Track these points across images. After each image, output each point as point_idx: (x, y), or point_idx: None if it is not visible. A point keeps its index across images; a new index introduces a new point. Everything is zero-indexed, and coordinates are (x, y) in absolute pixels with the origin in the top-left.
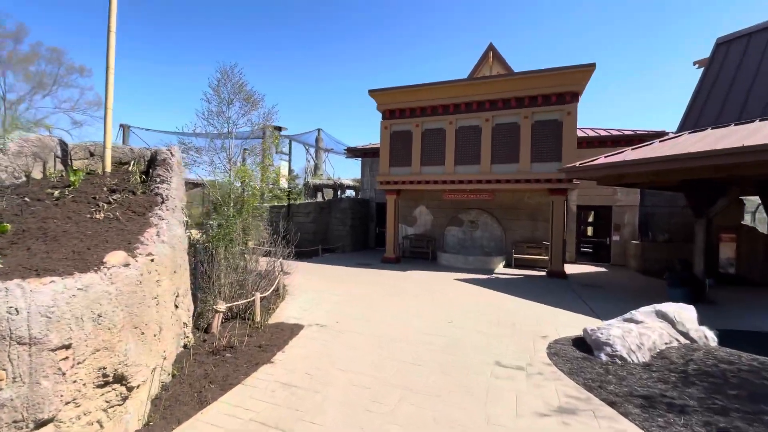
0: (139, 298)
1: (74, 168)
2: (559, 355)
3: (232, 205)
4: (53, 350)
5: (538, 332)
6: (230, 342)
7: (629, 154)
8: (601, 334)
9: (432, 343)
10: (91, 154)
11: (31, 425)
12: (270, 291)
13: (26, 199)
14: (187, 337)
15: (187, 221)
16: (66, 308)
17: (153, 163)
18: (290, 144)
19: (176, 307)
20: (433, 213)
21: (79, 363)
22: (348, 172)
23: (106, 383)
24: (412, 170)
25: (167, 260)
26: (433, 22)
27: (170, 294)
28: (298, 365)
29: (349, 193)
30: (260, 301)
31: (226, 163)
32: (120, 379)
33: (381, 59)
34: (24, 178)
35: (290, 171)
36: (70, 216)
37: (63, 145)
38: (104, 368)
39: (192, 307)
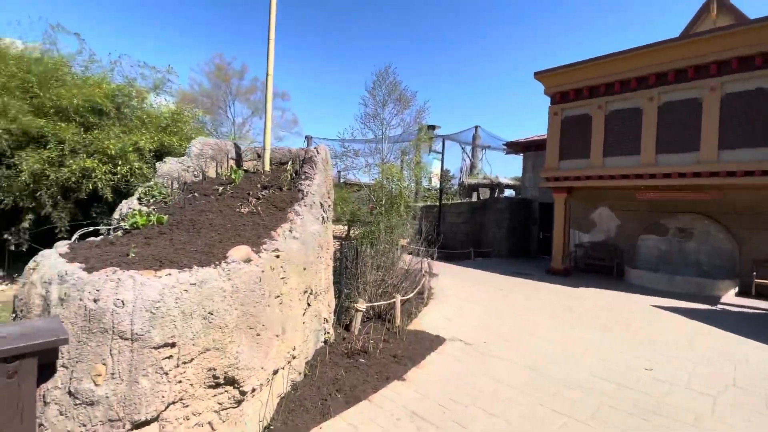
0: (257, 296)
1: (244, 168)
2: None
3: (382, 203)
4: (155, 348)
5: None
6: (365, 346)
7: None
8: None
9: (618, 398)
10: (258, 156)
11: (128, 425)
12: (413, 293)
13: (195, 194)
14: (328, 333)
15: (324, 216)
16: (173, 304)
17: (303, 161)
18: (443, 143)
19: (308, 305)
20: (620, 216)
21: (185, 362)
22: (507, 170)
23: (218, 384)
24: (591, 162)
25: (296, 257)
26: None
27: (299, 292)
28: (433, 390)
29: (509, 192)
30: (402, 304)
31: (379, 164)
32: (231, 381)
33: (544, 46)
34: (201, 177)
35: (443, 170)
36: (222, 210)
37: (237, 148)
38: (214, 369)
39: (333, 303)
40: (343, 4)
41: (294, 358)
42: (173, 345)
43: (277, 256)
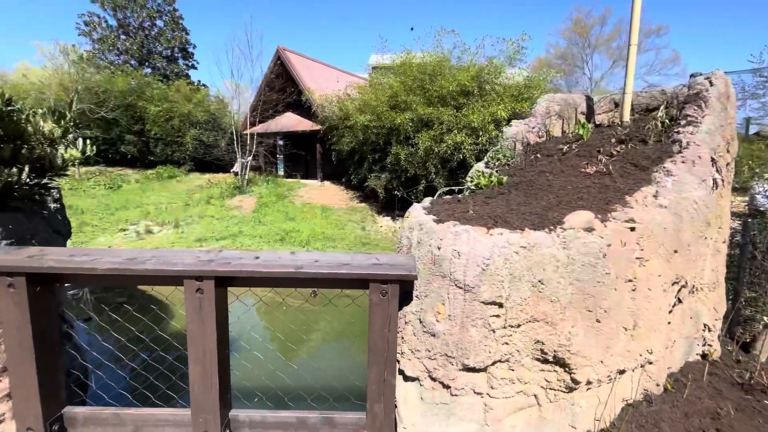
0: (598, 274)
1: (596, 122)
2: None
3: None
4: (484, 303)
5: None
6: None
7: None
8: None
9: None
10: (615, 105)
11: (459, 365)
12: None
13: (537, 155)
14: (709, 345)
15: (717, 179)
16: (501, 263)
17: (684, 102)
18: None
19: (679, 301)
20: None
21: (511, 326)
22: None
23: (545, 360)
24: None
25: (662, 233)
26: None
27: (664, 281)
28: None
29: None
30: None
31: None
32: (561, 363)
33: None
34: (544, 136)
35: None
36: (563, 170)
37: (588, 100)
38: (541, 343)
39: (723, 307)
40: None
41: (650, 363)
42: (500, 305)
43: (632, 229)
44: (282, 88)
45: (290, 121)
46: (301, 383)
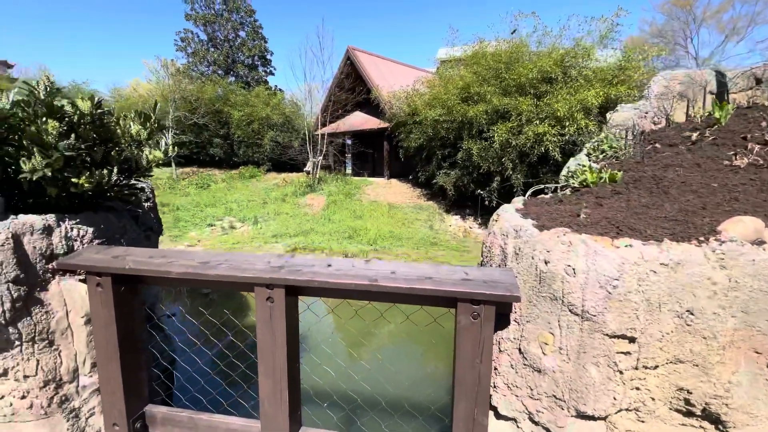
0: None
1: (735, 102)
2: None
3: None
4: (609, 336)
5: None
6: None
7: None
8: None
9: None
10: (758, 82)
11: (571, 411)
12: None
13: (656, 144)
14: None
15: None
16: (635, 286)
17: None
18: None
19: None
20: None
21: (646, 367)
22: None
23: (689, 413)
24: None
25: None
26: None
27: None
28: None
29: None
30: None
31: None
32: (713, 419)
33: None
34: (663, 122)
35: None
36: (699, 163)
37: (719, 76)
38: (687, 392)
39: None
40: None
41: None
42: (632, 340)
43: None
44: (351, 87)
45: (358, 120)
46: (373, 402)
